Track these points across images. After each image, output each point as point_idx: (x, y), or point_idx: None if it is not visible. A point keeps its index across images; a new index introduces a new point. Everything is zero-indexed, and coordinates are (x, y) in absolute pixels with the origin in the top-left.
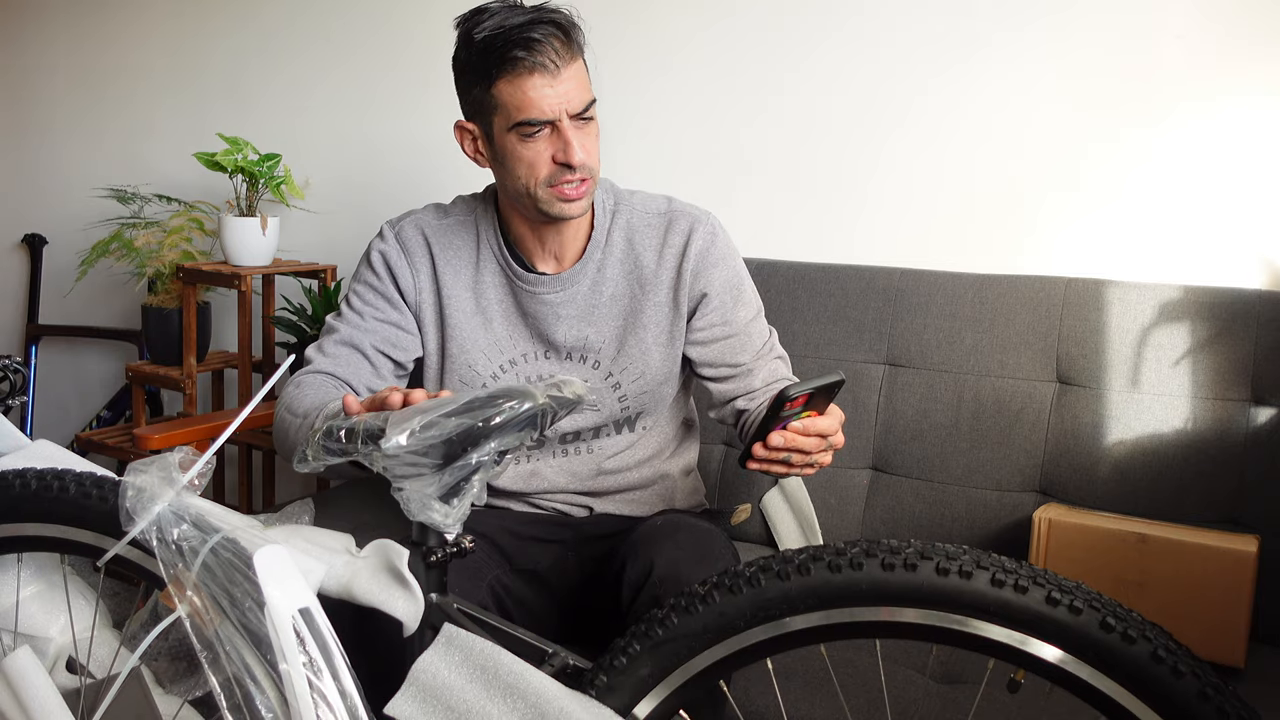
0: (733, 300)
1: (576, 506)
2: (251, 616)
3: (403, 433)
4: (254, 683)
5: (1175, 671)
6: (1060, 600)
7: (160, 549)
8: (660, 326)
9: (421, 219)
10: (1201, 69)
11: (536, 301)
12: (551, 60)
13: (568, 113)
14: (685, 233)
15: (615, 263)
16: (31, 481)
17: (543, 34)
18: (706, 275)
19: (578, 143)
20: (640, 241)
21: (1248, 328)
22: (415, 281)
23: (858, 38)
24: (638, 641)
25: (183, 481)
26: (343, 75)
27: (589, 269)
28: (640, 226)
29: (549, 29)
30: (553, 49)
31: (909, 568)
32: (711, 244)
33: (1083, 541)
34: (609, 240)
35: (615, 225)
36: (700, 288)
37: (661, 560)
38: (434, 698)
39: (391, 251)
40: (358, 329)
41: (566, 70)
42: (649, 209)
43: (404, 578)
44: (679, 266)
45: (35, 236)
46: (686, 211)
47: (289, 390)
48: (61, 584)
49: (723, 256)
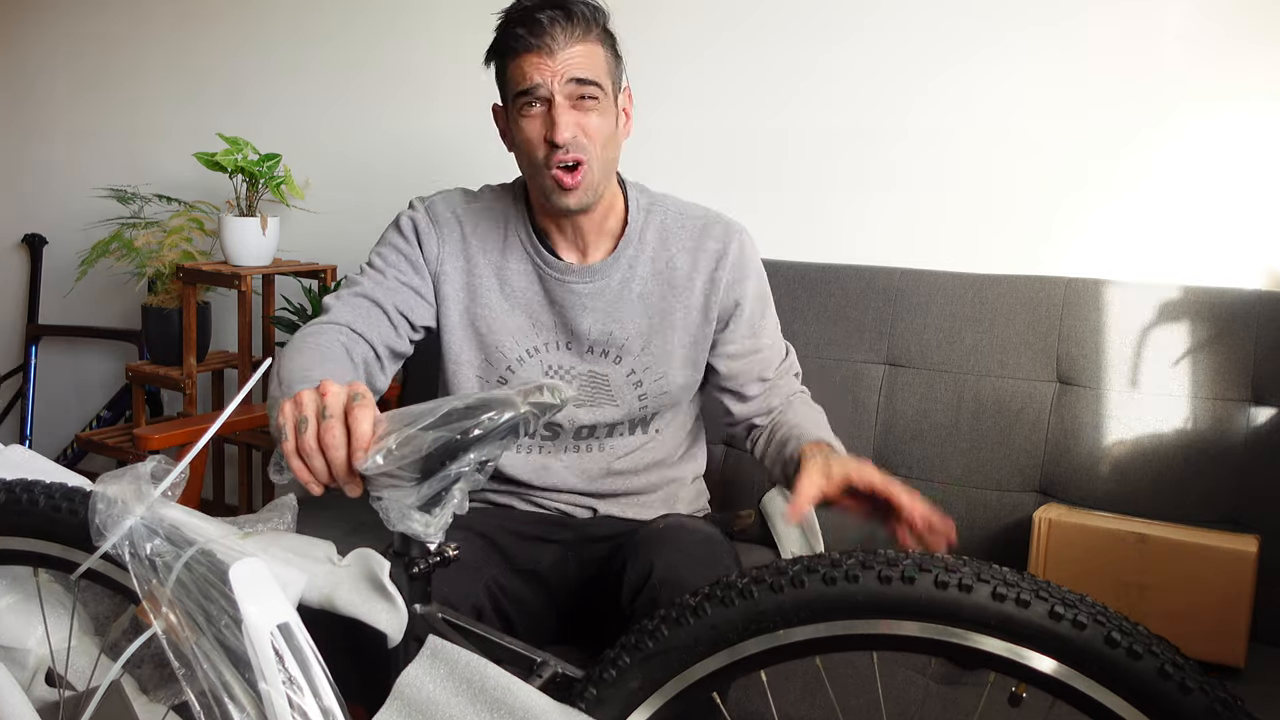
0: (761, 313)
1: (580, 508)
2: (229, 633)
3: (379, 452)
4: (233, 700)
5: (1183, 687)
6: (1064, 614)
7: (133, 564)
8: (688, 331)
9: (451, 197)
10: (1201, 69)
11: (565, 290)
12: (550, 40)
13: (561, 88)
14: (722, 239)
15: (647, 261)
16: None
17: (548, 16)
18: (741, 285)
19: (566, 120)
20: (674, 243)
21: (1248, 328)
22: (440, 252)
23: (859, 40)
24: (628, 654)
25: (155, 494)
26: (343, 75)
27: (620, 264)
28: (674, 228)
29: (555, 12)
30: (555, 29)
31: (906, 580)
32: (747, 254)
33: (1083, 541)
34: (642, 238)
35: (649, 224)
36: (735, 297)
37: (661, 562)
38: (419, 712)
39: (421, 219)
40: (380, 286)
41: (566, 51)
42: (684, 212)
43: (386, 589)
44: (714, 273)
45: (35, 236)
46: (722, 219)
47: (293, 341)
48: (37, 595)
49: (756, 268)
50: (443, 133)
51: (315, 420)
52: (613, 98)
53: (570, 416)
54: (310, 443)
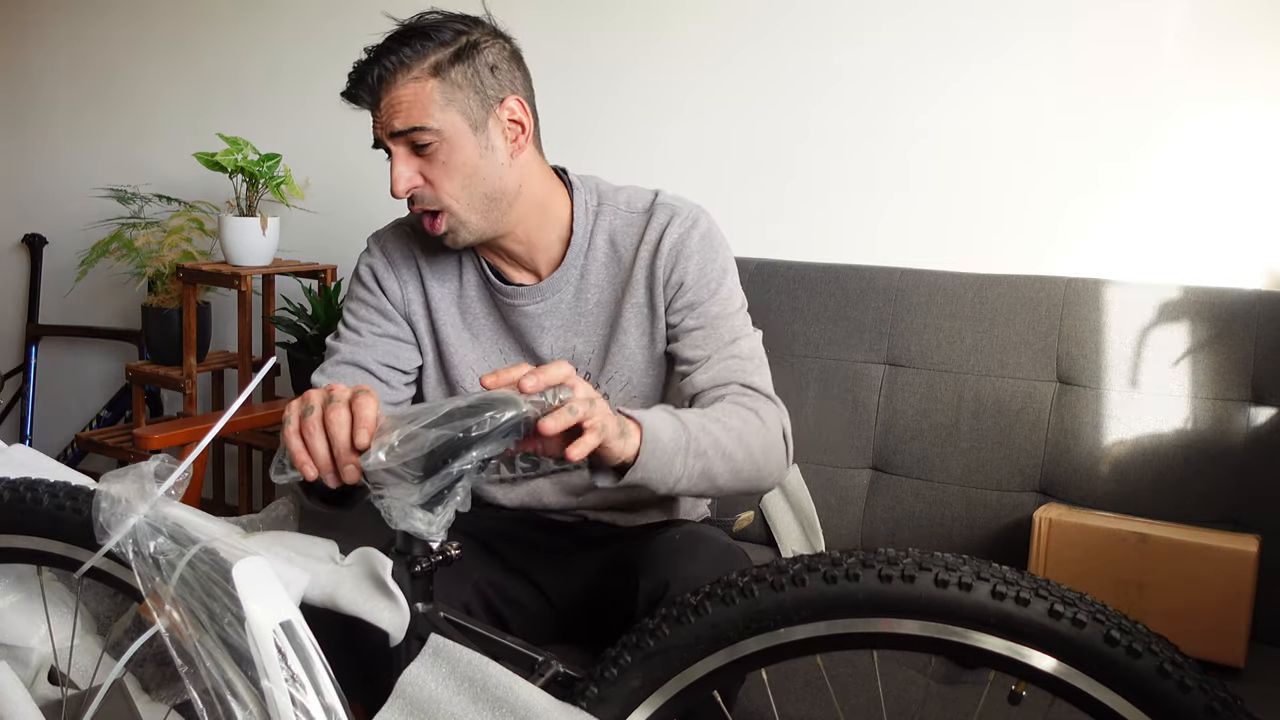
0: (709, 293)
1: (573, 516)
2: (232, 631)
3: (381, 448)
4: (235, 698)
5: (1182, 686)
6: (1064, 613)
7: (136, 562)
8: (640, 329)
9: (407, 230)
10: (1202, 69)
11: (519, 314)
12: (370, 93)
13: (392, 140)
14: (662, 225)
15: (599, 267)
16: (4, 493)
17: (365, 70)
18: (682, 265)
19: (398, 173)
20: (622, 242)
21: (1248, 328)
22: (404, 293)
23: (859, 42)
24: (629, 652)
25: (158, 493)
26: (343, 75)
27: (570, 276)
28: (622, 227)
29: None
30: (375, 81)
31: (906, 579)
32: (689, 234)
33: (1083, 541)
34: (591, 244)
35: (598, 227)
36: (676, 278)
37: (679, 575)
38: (421, 711)
39: (378, 264)
40: (358, 347)
41: (388, 99)
42: (634, 206)
43: (388, 587)
44: (652, 261)
45: (35, 236)
46: (669, 204)
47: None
48: (40, 593)
49: (701, 247)
50: None
51: (321, 406)
52: (467, 126)
53: None
54: (314, 423)
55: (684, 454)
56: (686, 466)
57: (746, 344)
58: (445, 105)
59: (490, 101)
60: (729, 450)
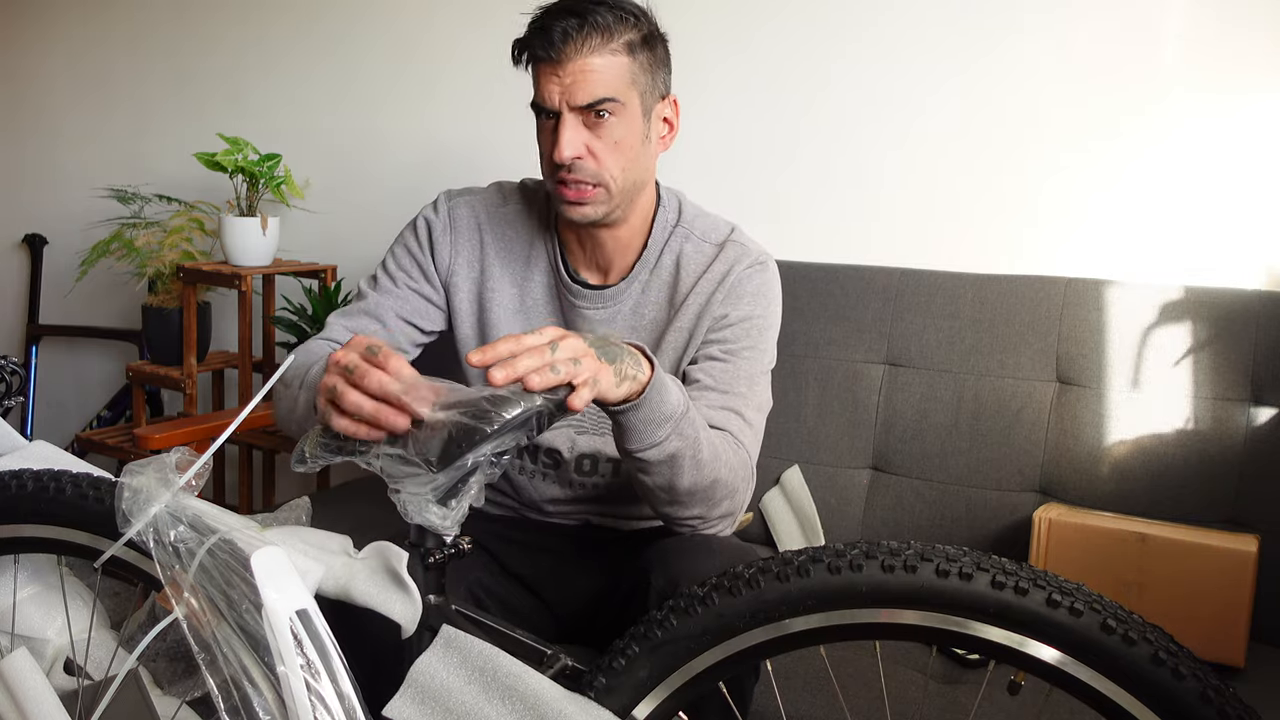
0: (749, 342)
1: (574, 519)
2: (249, 618)
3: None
4: (251, 685)
5: (1176, 674)
6: (1061, 602)
7: (157, 550)
8: (676, 351)
9: (480, 200)
10: (1202, 68)
11: (577, 315)
12: (560, 53)
13: (569, 105)
14: (730, 262)
15: (660, 285)
16: (28, 483)
17: (560, 28)
18: (733, 302)
19: (569, 138)
20: (687, 266)
21: (1248, 328)
22: (452, 262)
23: (860, 42)
24: (636, 643)
25: (180, 483)
26: (343, 75)
27: (633, 288)
28: (692, 253)
29: (570, 21)
30: (567, 42)
31: (909, 569)
32: (751, 277)
33: (1083, 541)
34: (659, 261)
35: (669, 247)
36: (723, 311)
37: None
38: (432, 699)
39: (438, 224)
40: (387, 294)
41: (578, 64)
42: (708, 237)
43: (402, 580)
44: (711, 294)
45: (35, 236)
46: (742, 243)
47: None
48: (59, 585)
49: (757, 292)
50: (442, 132)
51: (362, 360)
52: (640, 110)
53: (570, 443)
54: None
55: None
56: (678, 429)
57: (753, 412)
58: (631, 84)
59: (659, 93)
60: (703, 457)
